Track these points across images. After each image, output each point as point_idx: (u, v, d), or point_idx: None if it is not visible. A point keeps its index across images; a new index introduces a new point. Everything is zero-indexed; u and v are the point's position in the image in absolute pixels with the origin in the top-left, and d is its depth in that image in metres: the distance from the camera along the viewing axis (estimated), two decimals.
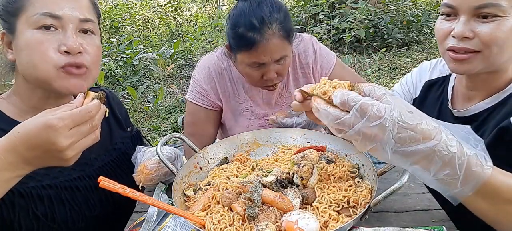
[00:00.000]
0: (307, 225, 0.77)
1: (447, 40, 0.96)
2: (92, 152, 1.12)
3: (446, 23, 0.96)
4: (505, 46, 0.89)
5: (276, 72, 1.29)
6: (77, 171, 1.06)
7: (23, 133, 0.70)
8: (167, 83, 5.17)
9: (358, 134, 0.60)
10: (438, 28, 0.99)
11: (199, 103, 1.48)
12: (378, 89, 0.64)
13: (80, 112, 0.73)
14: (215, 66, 1.48)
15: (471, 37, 0.90)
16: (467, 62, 0.93)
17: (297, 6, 6.55)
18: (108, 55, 5.46)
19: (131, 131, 1.31)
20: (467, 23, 0.90)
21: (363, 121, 0.59)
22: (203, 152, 1.14)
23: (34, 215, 0.95)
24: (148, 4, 8.59)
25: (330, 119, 0.64)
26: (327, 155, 1.05)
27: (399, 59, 5.13)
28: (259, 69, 1.28)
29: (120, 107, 1.32)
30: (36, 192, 0.95)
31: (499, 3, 0.86)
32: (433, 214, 0.93)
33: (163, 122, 4.10)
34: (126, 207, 1.13)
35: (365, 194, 0.86)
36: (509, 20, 0.87)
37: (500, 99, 0.96)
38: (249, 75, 1.32)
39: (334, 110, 0.63)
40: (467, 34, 0.89)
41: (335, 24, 5.56)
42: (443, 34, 0.97)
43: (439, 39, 0.99)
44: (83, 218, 1.04)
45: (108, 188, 0.74)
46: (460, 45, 0.92)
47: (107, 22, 7.36)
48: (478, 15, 0.88)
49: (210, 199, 0.91)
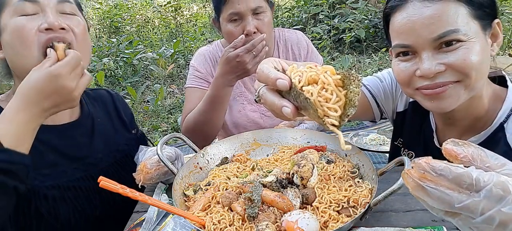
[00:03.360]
0: (307, 225, 0.76)
1: (413, 81, 0.87)
2: (97, 152, 1.13)
3: (405, 64, 0.87)
4: (482, 69, 0.82)
5: (255, 26, 1.35)
6: (81, 171, 1.07)
7: (34, 88, 0.82)
8: (167, 83, 5.17)
9: (489, 220, 0.47)
10: (398, 72, 0.89)
11: (196, 86, 1.55)
12: (492, 158, 0.50)
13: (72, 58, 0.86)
14: (210, 54, 1.58)
15: (442, 70, 0.81)
16: (448, 96, 0.83)
17: (297, 6, 6.56)
18: (108, 55, 5.46)
19: (136, 133, 1.31)
20: (432, 58, 0.82)
21: (502, 205, 0.46)
22: (203, 152, 1.14)
23: (38, 213, 0.96)
24: (148, 4, 8.59)
25: (445, 203, 0.49)
26: (327, 155, 1.05)
27: None
28: (239, 23, 1.36)
29: (126, 109, 1.33)
30: (40, 191, 0.96)
31: (458, 28, 0.79)
32: (433, 214, 0.92)
33: (163, 122, 4.10)
34: (128, 207, 1.13)
35: (365, 194, 0.86)
36: (474, 42, 0.80)
37: (486, 136, 0.91)
38: (231, 33, 1.37)
39: (453, 192, 0.48)
40: (437, 68, 0.81)
41: (335, 24, 5.56)
42: (407, 76, 0.87)
43: (402, 83, 0.90)
44: (85, 218, 1.05)
45: (108, 188, 0.74)
46: (434, 82, 0.83)
47: (107, 22, 7.37)
48: (440, 46, 0.81)
49: (210, 199, 0.91)
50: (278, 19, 6.41)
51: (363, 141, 2.55)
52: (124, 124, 1.28)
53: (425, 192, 0.50)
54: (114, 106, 1.29)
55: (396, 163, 0.90)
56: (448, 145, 0.52)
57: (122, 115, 1.29)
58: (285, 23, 6.29)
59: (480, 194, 0.47)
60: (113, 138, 1.20)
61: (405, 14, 0.84)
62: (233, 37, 1.36)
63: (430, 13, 0.81)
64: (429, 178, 0.50)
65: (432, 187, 0.49)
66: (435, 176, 0.49)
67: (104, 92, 1.33)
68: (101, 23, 7.55)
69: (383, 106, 1.17)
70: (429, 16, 0.81)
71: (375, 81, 1.16)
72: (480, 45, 0.81)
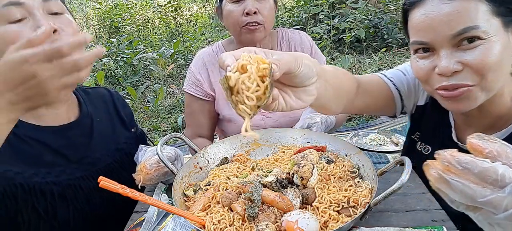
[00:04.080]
0: (307, 225, 0.77)
1: (432, 80, 0.86)
2: (96, 151, 1.12)
3: (423, 61, 0.87)
4: (500, 70, 0.80)
5: (257, 8, 1.38)
6: (80, 170, 1.06)
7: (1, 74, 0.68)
8: (167, 83, 5.17)
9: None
10: (417, 69, 0.88)
11: (194, 93, 1.55)
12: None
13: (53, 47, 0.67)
14: (209, 57, 1.57)
15: (460, 69, 0.80)
16: (465, 98, 0.83)
17: (297, 6, 6.55)
18: (108, 55, 5.46)
19: (136, 132, 1.31)
20: (450, 56, 0.80)
21: None
22: (203, 152, 1.14)
23: (36, 211, 0.95)
24: (148, 4, 8.59)
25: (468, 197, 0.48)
26: (327, 155, 1.05)
27: (399, 59, 5.13)
28: (240, 4, 1.39)
29: (125, 108, 1.32)
30: (39, 188, 0.96)
31: (477, 25, 0.77)
32: (433, 214, 0.92)
33: (163, 122, 4.10)
34: (128, 207, 1.13)
35: (365, 194, 0.86)
36: (494, 40, 0.78)
37: (507, 134, 0.89)
38: (232, 14, 1.41)
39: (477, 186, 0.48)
40: (455, 67, 0.80)
41: (335, 24, 5.56)
42: (425, 74, 0.87)
43: (421, 80, 0.90)
44: (84, 217, 1.04)
45: (108, 188, 0.74)
46: (451, 82, 0.82)
47: (107, 22, 7.36)
48: (458, 43, 0.80)
49: (210, 199, 0.91)
50: (278, 19, 6.40)
51: (363, 141, 2.55)
52: (123, 123, 1.27)
53: (448, 185, 0.50)
54: (113, 105, 1.29)
55: (396, 163, 0.91)
56: (474, 139, 0.52)
57: (121, 114, 1.28)
58: (285, 23, 6.28)
59: (504, 190, 0.46)
60: (112, 137, 1.20)
61: (423, 11, 0.83)
62: (232, 18, 1.41)
63: (449, 10, 0.79)
64: (453, 171, 0.49)
65: (455, 180, 0.49)
66: (460, 169, 0.49)
67: (103, 91, 1.32)
68: (101, 23, 7.55)
69: (406, 100, 1.14)
70: (447, 13, 0.79)
71: (399, 75, 1.13)
72: (501, 44, 0.79)
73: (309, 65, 0.66)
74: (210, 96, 1.55)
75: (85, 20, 8.65)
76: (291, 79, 0.65)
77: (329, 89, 0.78)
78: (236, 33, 1.48)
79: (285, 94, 0.67)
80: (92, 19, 8.37)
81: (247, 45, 1.52)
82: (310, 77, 0.67)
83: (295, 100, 0.68)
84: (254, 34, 1.42)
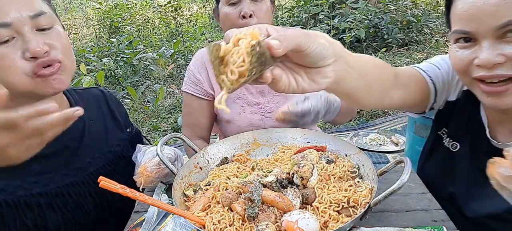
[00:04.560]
0: (307, 225, 0.77)
1: (470, 70, 0.83)
2: (86, 155, 1.09)
3: (463, 51, 0.83)
4: None
5: (252, 10, 1.36)
6: (69, 176, 1.03)
7: None
8: (167, 83, 5.17)
9: None
10: (455, 59, 0.85)
11: (193, 92, 1.54)
12: None
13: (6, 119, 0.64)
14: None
15: (502, 62, 0.77)
16: (509, 94, 0.79)
17: (297, 6, 6.55)
18: (108, 55, 5.46)
19: (131, 131, 1.29)
20: (492, 48, 0.77)
21: None
22: (203, 152, 1.14)
23: (24, 225, 0.92)
24: (148, 4, 8.59)
25: None
26: (327, 155, 1.05)
27: (399, 59, 5.13)
28: (236, 6, 1.38)
29: (119, 108, 1.30)
30: (25, 201, 0.93)
31: None
32: (433, 214, 0.93)
33: (163, 122, 4.10)
34: (123, 212, 1.11)
35: (365, 194, 0.86)
36: None
37: None
38: (229, 16, 1.40)
39: None
40: (497, 59, 0.76)
41: (335, 24, 5.55)
42: (464, 65, 0.83)
43: (460, 71, 0.87)
44: (77, 225, 1.02)
45: (108, 188, 0.74)
46: (491, 73, 0.78)
47: (107, 22, 7.36)
48: (503, 35, 0.77)
49: (210, 199, 0.91)
50: (278, 19, 6.41)
51: (363, 141, 2.56)
52: (117, 123, 1.24)
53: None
54: (107, 105, 1.25)
55: (396, 163, 0.91)
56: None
57: (116, 114, 1.24)
58: (285, 23, 6.28)
59: None
60: (104, 139, 1.16)
61: (471, 0, 0.79)
62: (229, 21, 1.40)
63: (497, 1, 0.76)
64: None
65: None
66: None
67: (96, 91, 1.28)
68: (101, 23, 7.55)
69: (439, 96, 1.08)
70: (495, 3, 0.76)
71: (434, 69, 1.07)
72: None
73: (323, 44, 0.61)
74: (209, 95, 1.55)
75: (85, 20, 8.66)
76: (302, 58, 0.61)
77: (354, 76, 0.71)
78: None
79: (298, 75, 0.63)
80: (92, 19, 8.37)
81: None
82: (324, 57, 0.62)
83: (309, 82, 0.63)
84: None
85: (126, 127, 1.27)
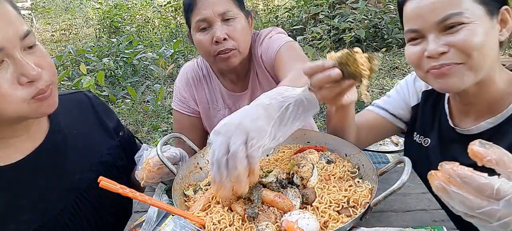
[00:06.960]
0: (307, 225, 0.76)
1: (423, 64, 0.94)
2: (75, 171, 1.03)
3: (415, 47, 0.94)
4: (484, 50, 0.87)
5: (226, 33, 1.25)
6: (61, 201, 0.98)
7: None
8: (167, 83, 5.17)
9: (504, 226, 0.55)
10: (409, 54, 0.96)
11: (181, 110, 1.52)
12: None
13: None
14: (193, 73, 1.51)
15: (446, 50, 0.88)
16: (453, 75, 0.89)
17: (297, 6, 6.55)
18: (108, 55, 5.46)
19: (123, 135, 1.22)
20: (437, 39, 0.88)
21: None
22: (203, 152, 1.14)
23: None
24: (148, 4, 8.59)
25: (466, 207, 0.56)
26: (327, 155, 1.04)
27: (399, 59, 5.13)
28: (208, 32, 1.27)
29: (108, 112, 1.21)
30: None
31: (461, 12, 0.85)
32: (433, 214, 0.93)
33: (163, 122, 4.10)
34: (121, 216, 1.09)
35: (365, 194, 0.86)
36: (477, 24, 0.85)
37: (504, 118, 0.95)
38: (202, 44, 1.29)
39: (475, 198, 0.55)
40: (442, 49, 0.87)
41: (335, 24, 5.55)
42: (417, 58, 0.94)
43: (414, 65, 0.97)
44: None
45: (108, 188, 0.74)
46: (440, 62, 0.89)
47: (107, 22, 7.37)
48: (445, 29, 0.87)
49: (210, 199, 0.91)
50: (278, 19, 6.41)
51: None
52: (106, 130, 1.15)
53: (448, 195, 0.57)
54: (93, 111, 1.16)
55: (396, 163, 0.91)
56: (475, 146, 0.58)
57: (104, 120, 1.16)
58: (285, 23, 6.28)
59: (499, 203, 0.54)
60: (92, 150, 1.09)
61: (416, 2, 0.92)
62: (203, 48, 1.30)
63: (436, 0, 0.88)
64: (454, 183, 0.56)
65: (455, 191, 0.56)
66: (460, 182, 0.56)
67: (81, 96, 1.17)
68: (101, 23, 7.55)
69: (404, 116, 1.24)
70: (434, 1, 0.88)
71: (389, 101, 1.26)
72: (484, 28, 0.86)
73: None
74: (197, 112, 1.52)
75: (85, 20, 8.66)
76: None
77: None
78: (211, 62, 1.40)
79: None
80: (92, 19, 8.38)
81: (225, 72, 1.44)
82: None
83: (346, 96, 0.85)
84: (229, 61, 1.30)
85: (117, 132, 1.20)
